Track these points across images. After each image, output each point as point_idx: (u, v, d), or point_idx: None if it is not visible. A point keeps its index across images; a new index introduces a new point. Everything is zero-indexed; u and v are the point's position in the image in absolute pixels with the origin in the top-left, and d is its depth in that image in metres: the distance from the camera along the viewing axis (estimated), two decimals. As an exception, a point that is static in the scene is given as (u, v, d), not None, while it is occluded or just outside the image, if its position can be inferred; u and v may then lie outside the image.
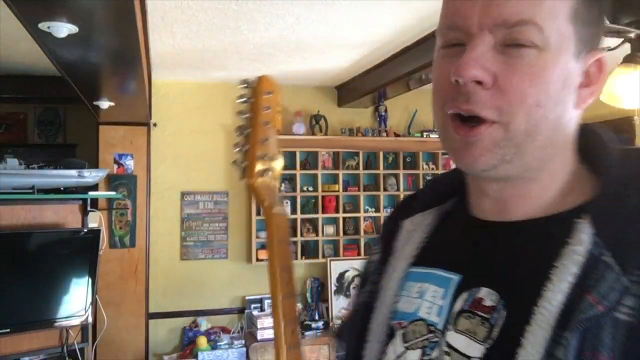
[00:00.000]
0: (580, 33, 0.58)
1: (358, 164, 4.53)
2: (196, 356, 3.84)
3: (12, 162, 3.09)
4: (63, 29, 1.73)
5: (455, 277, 0.64)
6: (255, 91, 0.79)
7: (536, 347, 0.53)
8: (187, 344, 4.04)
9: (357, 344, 0.70)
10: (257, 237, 4.25)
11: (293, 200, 4.33)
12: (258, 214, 4.29)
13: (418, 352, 0.64)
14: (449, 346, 0.61)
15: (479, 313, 0.60)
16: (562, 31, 0.57)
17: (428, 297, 0.66)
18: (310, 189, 4.41)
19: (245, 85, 0.79)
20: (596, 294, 0.52)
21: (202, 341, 3.94)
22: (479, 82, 0.56)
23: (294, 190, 4.35)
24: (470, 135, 0.58)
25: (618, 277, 0.52)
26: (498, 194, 0.64)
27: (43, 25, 1.72)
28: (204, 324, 4.13)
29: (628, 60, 2.14)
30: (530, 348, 0.53)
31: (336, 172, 4.45)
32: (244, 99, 0.79)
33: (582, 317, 0.51)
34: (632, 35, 2.01)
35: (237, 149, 0.79)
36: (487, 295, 0.60)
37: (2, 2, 1.54)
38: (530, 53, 0.56)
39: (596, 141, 0.63)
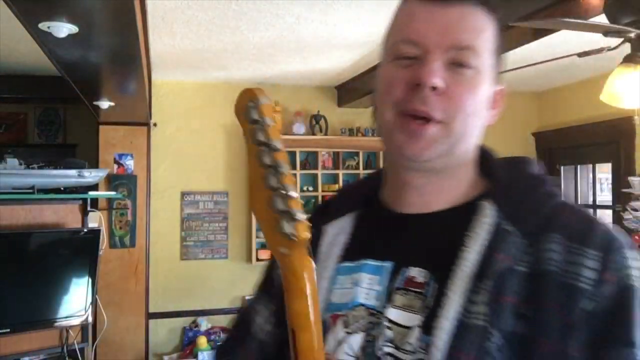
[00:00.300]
0: (495, 66, 0.75)
1: (358, 164, 4.54)
2: (196, 356, 3.84)
3: (12, 162, 3.09)
4: (63, 29, 1.73)
5: (387, 264, 0.75)
6: (267, 110, 0.62)
7: (458, 294, 0.66)
8: (187, 344, 4.04)
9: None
10: (257, 237, 4.25)
11: (293, 200, 4.32)
12: (258, 214, 4.28)
13: (361, 334, 0.72)
14: (390, 321, 0.71)
15: (412, 289, 0.71)
16: (488, 62, 0.73)
17: (364, 285, 0.75)
18: (311, 188, 4.41)
19: (253, 104, 0.61)
20: (502, 253, 0.67)
21: (202, 341, 3.94)
22: (434, 89, 0.69)
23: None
24: (421, 128, 0.70)
25: (516, 240, 0.68)
26: (422, 187, 0.76)
27: (43, 25, 1.72)
28: (204, 324, 4.14)
29: (628, 60, 2.14)
30: (453, 295, 0.66)
31: (336, 172, 4.45)
32: (264, 123, 0.61)
33: (494, 270, 0.66)
34: (632, 35, 2.01)
35: (277, 203, 0.59)
36: (417, 274, 0.72)
37: (2, 2, 1.53)
38: (470, 73, 0.71)
39: (487, 156, 0.81)
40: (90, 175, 3.28)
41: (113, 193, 3.81)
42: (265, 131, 0.60)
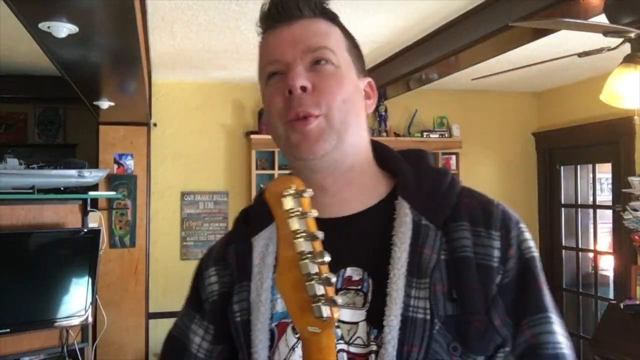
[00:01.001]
0: (355, 62, 0.82)
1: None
2: (196, 356, 3.84)
3: (12, 162, 3.09)
4: (63, 29, 1.73)
5: None
6: (307, 203, 0.65)
7: (398, 292, 0.72)
8: (187, 344, 4.04)
9: (244, 357, 0.79)
10: (257, 237, 4.25)
11: (293, 200, 4.33)
12: (258, 214, 4.29)
13: None
14: (337, 320, 0.73)
15: (352, 287, 0.77)
16: (345, 58, 0.81)
17: None
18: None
19: (295, 194, 0.65)
20: (429, 247, 0.75)
21: (202, 341, 3.94)
22: (304, 90, 0.75)
23: (294, 190, 4.34)
24: (305, 123, 0.75)
25: (435, 233, 0.76)
26: (333, 187, 0.81)
27: (43, 25, 1.72)
28: (204, 324, 4.13)
29: (628, 60, 2.14)
30: (394, 294, 0.72)
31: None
32: (304, 214, 0.64)
33: (430, 267, 0.73)
34: (632, 35, 2.01)
35: (315, 289, 0.63)
36: (353, 272, 0.78)
37: (2, 2, 1.53)
38: (330, 68, 0.78)
39: (384, 150, 0.88)
40: (90, 175, 3.28)
41: (113, 193, 3.81)
42: (305, 221, 0.64)
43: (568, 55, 2.45)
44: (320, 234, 0.63)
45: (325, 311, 0.63)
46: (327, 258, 0.62)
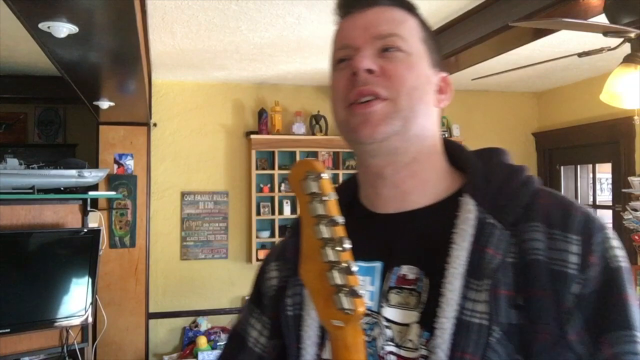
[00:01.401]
0: (429, 54, 0.78)
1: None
2: (196, 356, 3.84)
3: (12, 162, 3.09)
4: (63, 29, 1.73)
5: (377, 264, 0.76)
6: (327, 185, 0.62)
7: (455, 292, 0.67)
8: (187, 344, 4.04)
9: (293, 353, 0.76)
10: (257, 237, 4.25)
11: (293, 200, 4.33)
12: (258, 214, 4.29)
13: None
14: (388, 320, 0.72)
15: (406, 287, 0.73)
16: (418, 47, 0.77)
17: None
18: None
19: (314, 177, 0.62)
20: (492, 247, 0.68)
21: (202, 341, 3.94)
22: (370, 72, 0.73)
23: (294, 190, 4.34)
24: (367, 107, 0.73)
25: (502, 232, 0.69)
26: (393, 176, 0.77)
27: (43, 25, 1.72)
28: (204, 324, 4.13)
29: (628, 60, 2.14)
30: (449, 294, 0.67)
31: (336, 172, 4.45)
32: (325, 197, 0.61)
33: (489, 267, 0.67)
34: (632, 35, 2.01)
35: (336, 278, 0.60)
36: (408, 271, 0.73)
37: (2, 2, 1.53)
38: (401, 55, 0.75)
39: (456, 148, 0.84)
40: (90, 175, 3.28)
41: (113, 193, 3.81)
42: (326, 205, 0.60)
43: (568, 55, 2.45)
44: (341, 219, 0.59)
45: (347, 302, 0.59)
46: (347, 245, 0.59)
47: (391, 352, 0.71)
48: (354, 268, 0.58)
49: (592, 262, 0.67)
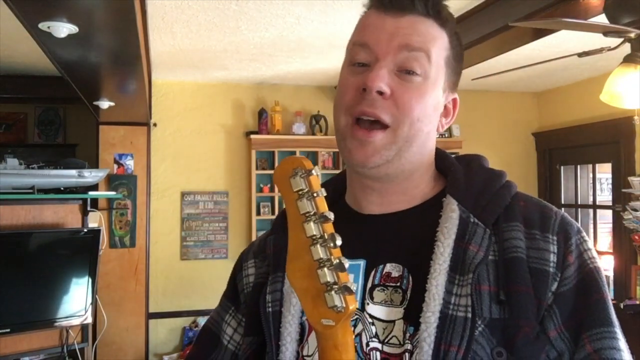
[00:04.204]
0: (447, 76, 0.77)
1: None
2: (196, 356, 3.84)
3: (12, 162, 3.09)
4: (63, 29, 1.73)
5: (361, 262, 0.77)
6: (315, 182, 0.61)
7: (438, 287, 0.69)
8: (187, 344, 4.04)
9: (272, 350, 0.75)
10: (257, 237, 4.24)
11: (293, 200, 4.32)
12: (258, 214, 4.29)
13: None
14: (372, 317, 0.73)
15: (390, 284, 0.74)
16: (439, 69, 0.76)
17: None
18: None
19: (303, 174, 0.61)
20: (475, 244, 0.71)
21: (202, 341, 3.94)
22: (381, 94, 0.72)
23: (294, 190, 4.35)
24: (368, 135, 0.73)
25: (484, 231, 0.72)
26: (382, 189, 0.79)
27: (43, 25, 1.72)
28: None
29: (628, 60, 2.14)
30: (434, 289, 0.69)
31: (336, 172, 4.43)
32: (313, 194, 0.60)
33: (472, 262, 0.69)
34: (632, 35, 2.01)
35: (326, 275, 0.58)
36: (392, 269, 0.75)
37: (2, 2, 1.53)
38: (417, 79, 0.74)
39: (440, 154, 0.84)
40: (90, 175, 3.28)
41: (113, 193, 3.81)
42: (315, 201, 0.59)
43: (568, 55, 2.45)
44: (331, 215, 0.59)
45: (339, 300, 0.58)
46: (339, 242, 0.58)
47: (375, 349, 0.72)
48: (346, 265, 0.58)
49: (570, 262, 0.71)
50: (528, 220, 0.73)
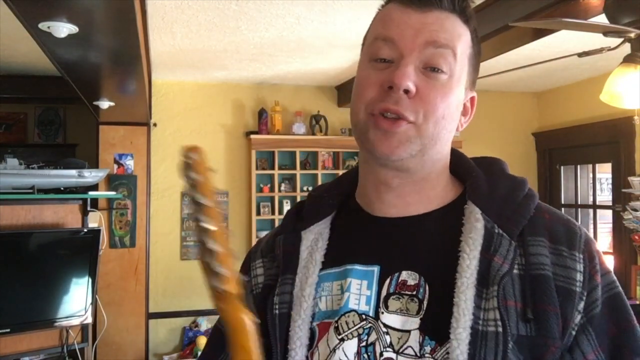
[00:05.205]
0: (470, 72, 0.76)
1: (358, 163, 4.53)
2: (196, 356, 3.84)
3: (12, 162, 3.09)
4: (63, 29, 1.73)
5: (375, 268, 0.75)
6: (198, 166, 0.62)
7: (467, 302, 0.66)
8: (187, 344, 4.04)
9: (278, 353, 0.74)
10: (257, 237, 4.25)
11: (293, 200, 4.33)
12: (258, 214, 4.29)
13: (354, 340, 0.71)
14: (387, 326, 0.71)
15: (406, 292, 0.71)
16: (463, 67, 0.74)
17: (353, 290, 0.74)
18: (310, 188, 4.40)
19: (188, 162, 0.62)
20: (500, 256, 0.68)
21: (202, 341, 3.94)
22: (406, 92, 0.70)
23: (294, 190, 4.35)
24: (393, 126, 0.71)
25: (509, 243, 0.69)
26: (399, 188, 0.76)
27: (43, 25, 1.72)
28: (204, 324, 4.13)
29: (628, 60, 2.13)
30: (462, 304, 0.66)
31: (336, 172, 4.45)
32: (195, 180, 0.61)
33: (499, 275, 0.67)
34: (632, 35, 2.01)
35: (205, 256, 0.63)
36: (408, 277, 0.72)
37: (2, 2, 1.53)
38: (443, 77, 0.72)
39: (457, 156, 0.82)
40: (90, 175, 3.28)
41: (113, 193, 3.81)
42: (195, 187, 0.60)
43: (568, 55, 2.45)
44: (204, 200, 0.60)
45: (214, 281, 0.59)
46: (211, 224, 0.60)
47: (390, 359, 0.69)
48: (218, 247, 0.60)
49: (597, 282, 0.70)
50: (554, 235, 0.71)
